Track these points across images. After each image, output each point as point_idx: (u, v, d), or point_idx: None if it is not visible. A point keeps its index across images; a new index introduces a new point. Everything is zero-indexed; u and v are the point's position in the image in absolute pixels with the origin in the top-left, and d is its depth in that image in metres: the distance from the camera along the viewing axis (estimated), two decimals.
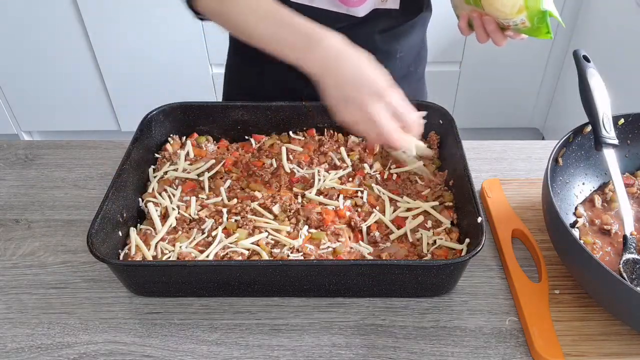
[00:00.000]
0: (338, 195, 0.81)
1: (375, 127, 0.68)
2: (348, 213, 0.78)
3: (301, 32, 0.69)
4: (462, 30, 0.84)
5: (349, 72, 0.68)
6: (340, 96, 0.69)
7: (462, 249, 0.72)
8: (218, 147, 0.92)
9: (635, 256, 0.70)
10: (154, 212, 0.78)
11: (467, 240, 0.72)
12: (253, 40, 0.72)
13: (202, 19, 0.79)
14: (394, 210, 0.79)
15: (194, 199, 0.81)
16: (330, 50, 0.68)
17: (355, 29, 0.92)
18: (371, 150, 0.89)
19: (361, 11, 0.88)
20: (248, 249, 0.73)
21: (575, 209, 0.80)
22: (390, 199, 0.81)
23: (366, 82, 0.68)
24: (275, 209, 0.78)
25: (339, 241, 0.74)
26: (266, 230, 0.75)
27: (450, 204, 0.80)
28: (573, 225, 0.78)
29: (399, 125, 0.69)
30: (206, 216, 0.78)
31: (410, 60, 1.03)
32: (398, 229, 0.76)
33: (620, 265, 0.69)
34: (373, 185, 0.83)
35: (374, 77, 0.68)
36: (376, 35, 0.94)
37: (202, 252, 0.73)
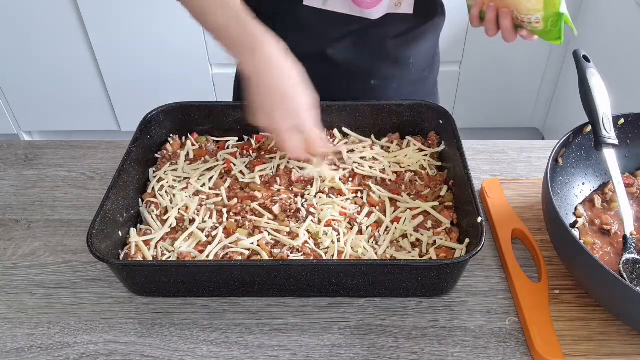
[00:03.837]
0: (338, 195, 0.81)
1: (281, 142, 0.74)
2: (348, 213, 0.78)
3: (247, 32, 0.71)
4: (472, 20, 0.83)
5: (275, 84, 0.72)
6: (260, 102, 0.73)
7: (462, 249, 0.72)
8: (218, 147, 0.92)
9: (635, 256, 0.70)
10: (149, 217, 0.78)
11: (467, 240, 0.72)
12: (206, 26, 0.74)
13: None
14: (394, 211, 0.79)
15: (194, 199, 0.81)
16: (266, 57, 0.72)
17: (367, 33, 0.92)
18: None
19: (375, 14, 0.88)
20: (248, 249, 0.73)
21: (575, 209, 0.80)
22: (390, 199, 0.81)
23: (287, 98, 0.72)
24: (275, 209, 0.78)
25: (338, 240, 0.74)
26: (266, 230, 0.75)
27: (450, 204, 0.80)
28: (573, 225, 0.78)
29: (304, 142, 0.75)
30: (206, 216, 0.78)
31: (423, 65, 1.03)
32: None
33: (620, 265, 0.69)
34: (373, 185, 0.83)
35: (295, 95, 0.73)
36: (388, 40, 0.93)
37: (202, 252, 0.73)
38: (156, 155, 0.89)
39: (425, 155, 0.89)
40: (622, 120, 0.81)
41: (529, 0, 0.73)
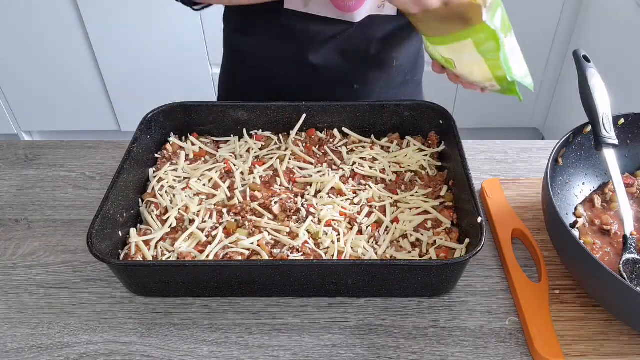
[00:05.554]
0: (338, 195, 0.81)
1: None
2: (348, 213, 0.78)
3: None
4: (435, 71, 0.81)
5: None
6: None
7: (462, 249, 0.72)
8: (218, 147, 0.92)
9: (635, 256, 0.70)
10: (149, 217, 0.78)
11: (467, 240, 0.72)
12: None
13: (197, 8, 0.76)
14: (394, 211, 0.79)
15: (194, 199, 0.81)
16: None
17: (350, 37, 0.91)
18: None
19: (356, 17, 0.87)
20: (248, 249, 0.73)
21: (575, 209, 0.80)
22: (391, 199, 0.81)
23: None
24: (275, 209, 0.78)
25: (338, 240, 0.74)
26: (266, 230, 0.75)
27: (450, 204, 0.80)
28: (573, 225, 0.78)
29: None
30: (206, 216, 0.78)
31: (407, 68, 1.03)
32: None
33: (620, 265, 0.69)
34: (373, 185, 0.83)
35: None
36: (372, 43, 0.93)
37: (202, 252, 0.73)
38: (156, 155, 0.89)
39: (425, 155, 0.89)
40: (622, 120, 0.81)
41: (471, 74, 0.74)
